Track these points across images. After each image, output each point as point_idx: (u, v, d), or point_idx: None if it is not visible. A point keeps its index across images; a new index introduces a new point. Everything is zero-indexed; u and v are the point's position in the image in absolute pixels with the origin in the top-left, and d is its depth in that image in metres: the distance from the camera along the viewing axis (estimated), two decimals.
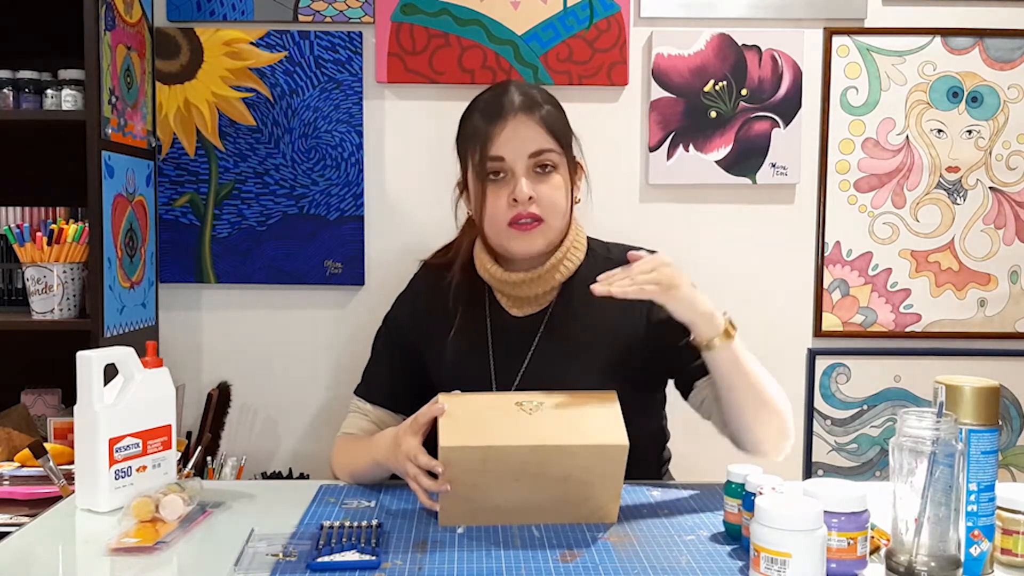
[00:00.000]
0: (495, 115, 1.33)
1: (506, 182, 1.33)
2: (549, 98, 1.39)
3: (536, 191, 1.32)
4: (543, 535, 1.13)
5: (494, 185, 1.34)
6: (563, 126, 1.38)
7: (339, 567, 1.01)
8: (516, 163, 1.32)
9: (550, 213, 1.34)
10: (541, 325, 1.41)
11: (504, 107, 1.33)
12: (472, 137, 1.35)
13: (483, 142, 1.32)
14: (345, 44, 2.10)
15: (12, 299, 2.03)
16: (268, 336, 2.17)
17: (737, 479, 1.13)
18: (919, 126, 2.13)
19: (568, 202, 1.38)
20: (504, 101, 1.34)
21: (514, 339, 1.42)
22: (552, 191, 1.34)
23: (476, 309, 1.44)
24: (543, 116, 1.34)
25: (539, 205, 1.33)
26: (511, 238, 1.35)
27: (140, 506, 1.16)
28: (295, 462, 2.17)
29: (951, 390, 1.00)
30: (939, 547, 0.96)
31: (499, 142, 1.32)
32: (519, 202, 1.31)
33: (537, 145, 1.33)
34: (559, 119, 1.38)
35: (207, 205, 2.12)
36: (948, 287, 2.16)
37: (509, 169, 1.32)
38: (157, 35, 2.09)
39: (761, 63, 2.11)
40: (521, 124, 1.32)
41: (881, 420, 2.18)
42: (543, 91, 1.40)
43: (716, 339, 1.23)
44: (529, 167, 1.32)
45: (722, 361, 1.25)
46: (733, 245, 2.16)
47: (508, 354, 1.42)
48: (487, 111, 1.35)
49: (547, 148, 1.33)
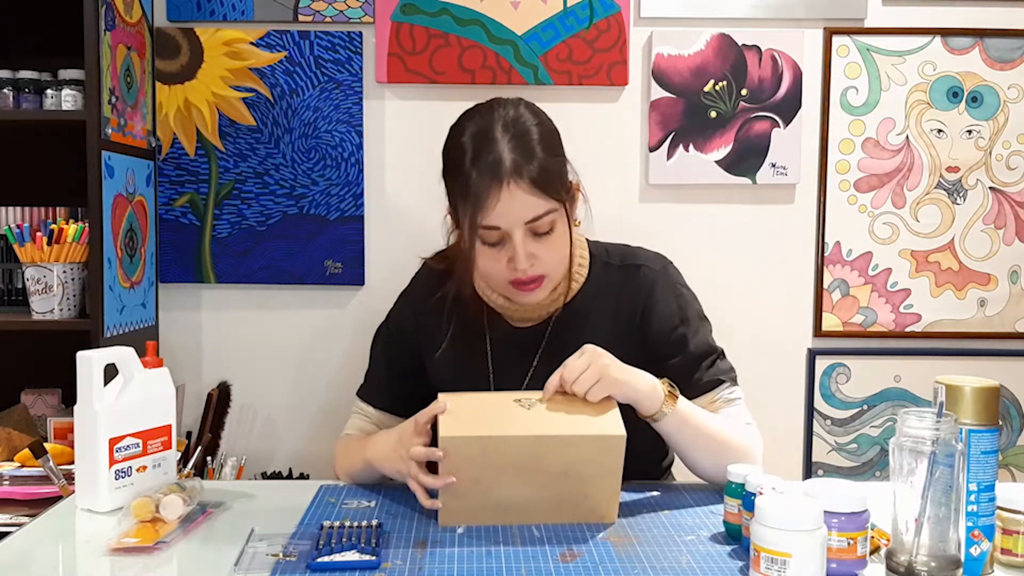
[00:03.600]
0: (486, 177, 1.23)
1: (504, 246, 1.28)
2: (539, 136, 1.27)
3: (536, 251, 1.28)
4: (543, 535, 1.13)
5: (492, 249, 1.29)
6: (557, 172, 1.29)
7: (339, 567, 1.01)
8: (513, 230, 1.26)
9: (552, 268, 1.31)
10: (542, 339, 1.40)
11: (497, 170, 1.23)
12: (463, 196, 1.26)
13: (475, 211, 1.24)
14: (345, 44, 2.10)
15: (12, 299, 2.03)
16: (268, 336, 2.17)
17: (737, 479, 1.13)
18: (919, 126, 2.13)
19: (568, 246, 1.33)
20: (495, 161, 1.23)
21: (514, 352, 1.41)
22: (552, 248, 1.29)
23: (474, 320, 1.42)
24: (535, 177, 1.24)
25: (540, 265, 1.29)
26: (513, 293, 1.33)
27: (140, 506, 1.16)
28: (295, 462, 2.17)
29: (951, 390, 1.00)
30: (939, 547, 0.96)
31: (494, 214, 1.24)
32: (519, 269, 1.28)
33: (533, 212, 1.26)
34: (552, 167, 1.27)
35: (207, 205, 2.12)
36: (948, 287, 2.16)
37: (506, 235, 1.27)
38: (157, 35, 2.09)
39: (761, 63, 2.11)
40: (514, 194, 1.23)
41: (881, 420, 2.18)
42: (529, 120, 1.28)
43: (663, 407, 1.23)
44: (526, 231, 1.27)
45: (670, 424, 1.25)
46: (733, 245, 2.16)
47: (508, 367, 1.41)
48: (478, 168, 1.24)
49: (543, 213, 1.26)
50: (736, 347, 1.54)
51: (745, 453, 1.30)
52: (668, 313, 1.39)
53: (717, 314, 1.49)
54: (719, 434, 1.28)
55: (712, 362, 1.38)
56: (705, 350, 1.38)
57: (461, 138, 1.28)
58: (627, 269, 1.42)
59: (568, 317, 1.40)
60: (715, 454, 1.27)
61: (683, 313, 1.39)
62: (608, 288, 1.41)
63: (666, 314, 1.38)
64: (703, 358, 1.37)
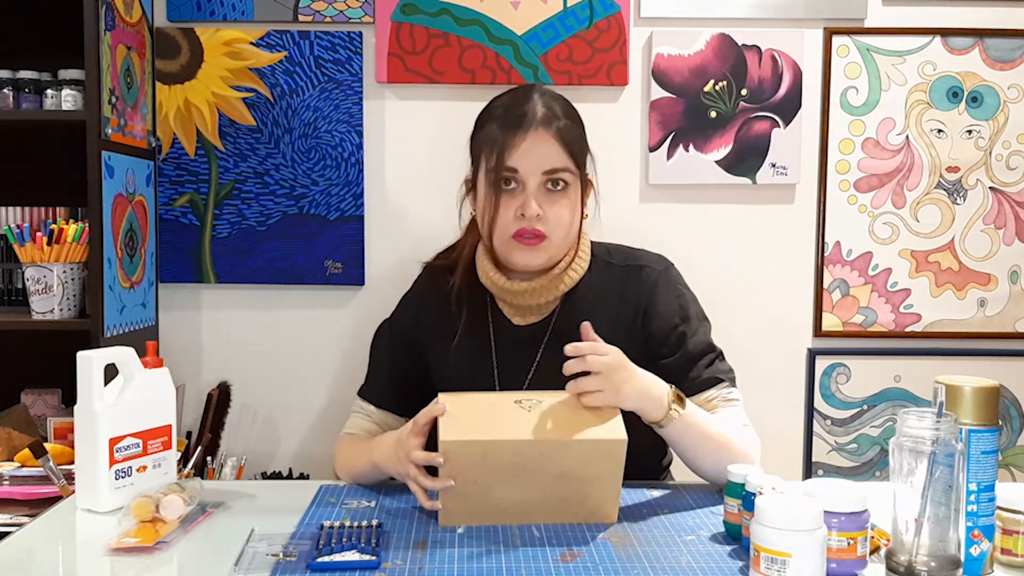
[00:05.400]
0: (515, 124, 1.32)
1: (517, 193, 1.33)
2: (570, 112, 1.37)
3: (545, 208, 1.32)
4: (543, 535, 1.13)
5: (505, 194, 1.33)
6: (581, 144, 1.37)
7: (339, 567, 1.01)
8: (529, 177, 1.32)
9: (555, 231, 1.34)
10: (545, 335, 1.41)
11: (526, 117, 1.32)
12: (489, 142, 1.33)
13: (500, 151, 1.31)
14: (345, 44, 2.10)
15: (12, 299, 2.03)
16: (268, 336, 2.17)
17: (737, 479, 1.13)
18: (919, 126, 2.13)
19: (575, 219, 1.37)
20: (527, 111, 1.33)
21: (517, 349, 1.42)
22: (560, 210, 1.34)
23: (479, 316, 1.44)
24: (562, 132, 1.33)
25: (546, 223, 1.33)
26: (513, 249, 1.35)
27: (140, 506, 1.16)
28: (295, 462, 2.17)
29: (951, 390, 1.00)
30: (939, 547, 0.96)
31: (516, 154, 1.31)
32: (527, 217, 1.31)
33: (552, 163, 1.32)
34: (578, 136, 1.36)
35: (207, 205, 2.12)
36: (948, 287, 2.16)
37: (522, 181, 1.32)
38: (157, 35, 2.09)
39: (761, 63, 2.11)
40: (540, 139, 1.31)
41: (881, 420, 2.18)
42: (565, 103, 1.38)
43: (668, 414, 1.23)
44: (541, 183, 1.32)
45: (673, 431, 1.26)
46: (733, 245, 2.16)
47: (512, 364, 1.42)
48: (507, 118, 1.33)
49: (562, 167, 1.32)
50: (736, 347, 1.55)
51: (744, 454, 1.31)
52: (669, 312, 1.40)
53: (717, 314, 1.49)
54: (719, 436, 1.29)
55: (711, 361, 1.39)
56: (704, 349, 1.39)
57: (496, 101, 1.39)
58: (630, 269, 1.44)
59: (569, 316, 1.40)
60: (715, 456, 1.28)
61: (683, 312, 1.41)
62: (610, 287, 1.42)
63: (667, 313, 1.40)
64: (701, 356, 1.38)
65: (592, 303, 1.41)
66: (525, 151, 1.31)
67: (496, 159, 1.31)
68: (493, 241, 1.37)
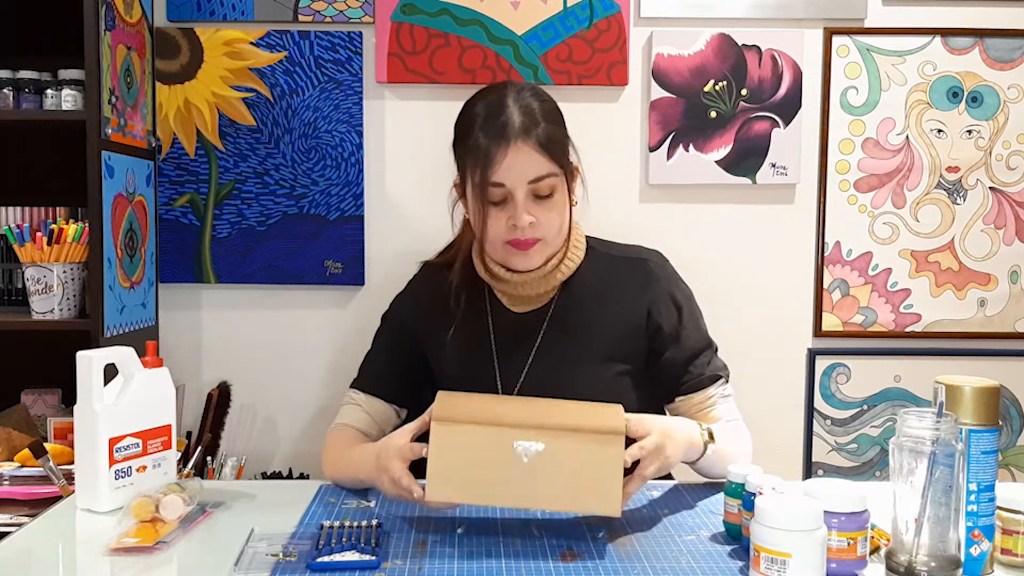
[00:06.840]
0: (495, 137, 1.30)
1: (506, 205, 1.33)
2: (547, 110, 1.35)
3: (536, 215, 1.33)
4: (543, 535, 1.13)
5: (494, 207, 1.33)
6: (561, 141, 1.36)
7: (339, 567, 1.01)
8: (516, 189, 1.31)
9: (548, 232, 1.35)
10: (543, 322, 1.42)
11: (505, 130, 1.30)
12: (472, 156, 1.32)
13: (483, 166, 1.31)
14: (345, 44, 2.10)
15: (12, 299, 2.03)
16: (268, 336, 2.17)
17: (737, 479, 1.13)
18: (919, 126, 2.13)
19: (566, 215, 1.38)
20: (505, 121, 1.31)
21: (516, 336, 1.43)
22: (551, 213, 1.34)
23: (477, 307, 1.45)
24: (541, 139, 1.31)
25: (538, 228, 1.33)
26: (510, 255, 1.36)
27: (140, 506, 1.16)
28: (295, 462, 2.17)
29: (951, 390, 1.00)
30: (939, 547, 0.96)
31: (500, 169, 1.30)
32: (519, 227, 1.32)
33: (536, 172, 1.31)
34: (557, 135, 1.35)
35: (207, 205, 2.12)
36: (948, 287, 2.16)
37: (509, 193, 1.32)
38: (157, 35, 2.09)
39: (761, 63, 2.11)
40: (520, 151, 1.30)
41: (881, 420, 2.18)
42: (540, 100, 1.36)
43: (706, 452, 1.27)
44: (528, 192, 1.32)
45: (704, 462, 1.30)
46: (733, 245, 2.16)
47: (511, 351, 1.43)
48: (487, 130, 1.31)
49: (546, 174, 1.32)
50: (736, 347, 1.55)
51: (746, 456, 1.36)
52: (672, 308, 1.42)
53: (717, 314, 1.49)
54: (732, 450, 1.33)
55: (710, 357, 1.42)
56: (702, 346, 1.42)
57: (474, 108, 1.36)
58: (630, 262, 1.46)
59: (568, 304, 1.42)
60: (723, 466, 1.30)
61: (686, 308, 1.44)
62: (609, 278, 1.44)
63: (670, 308, 1.42)
64: (701, 352, 1.41)
65: (591, 292, 1.42)
66: (508, 165, 1.30)
67: (480, 175, 1.31)
68: (488, 250, 1.39)
